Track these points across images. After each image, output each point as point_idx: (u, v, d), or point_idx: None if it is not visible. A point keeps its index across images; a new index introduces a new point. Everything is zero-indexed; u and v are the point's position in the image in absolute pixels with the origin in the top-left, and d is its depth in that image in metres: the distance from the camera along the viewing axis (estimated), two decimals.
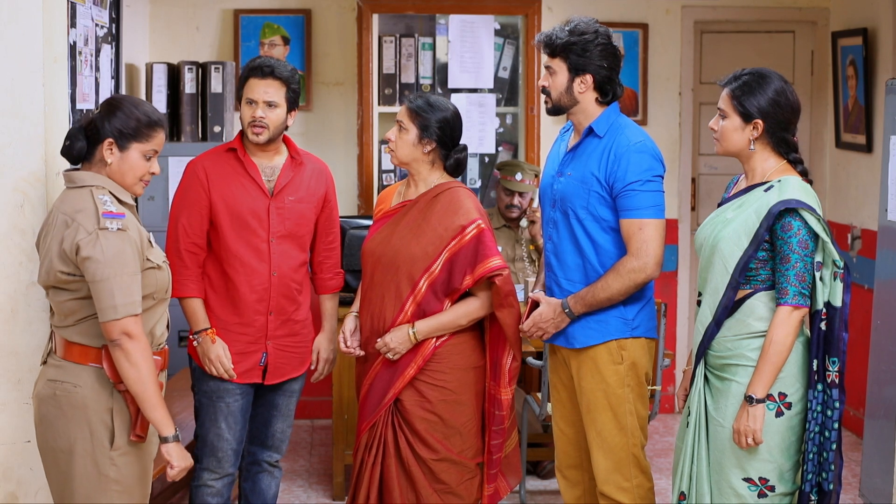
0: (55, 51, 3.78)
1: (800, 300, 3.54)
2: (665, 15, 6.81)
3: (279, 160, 4.18)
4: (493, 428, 4.09)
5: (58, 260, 3.29)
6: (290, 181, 4.16)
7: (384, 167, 6.46)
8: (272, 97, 4.06)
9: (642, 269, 3.89)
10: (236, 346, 4.11)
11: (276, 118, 4.08)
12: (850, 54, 6.48)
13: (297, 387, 4.28)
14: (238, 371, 4.11)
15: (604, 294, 3.92)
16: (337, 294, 4.41)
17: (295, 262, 4.18)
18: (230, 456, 4.16)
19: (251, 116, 4.07)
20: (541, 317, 4.02)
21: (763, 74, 3.66)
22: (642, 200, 3.89)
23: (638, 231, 3.88)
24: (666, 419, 6.78)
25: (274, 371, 4.18)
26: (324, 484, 5.77)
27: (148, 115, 3.42)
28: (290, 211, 4.15)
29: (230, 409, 4.13)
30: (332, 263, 4.36)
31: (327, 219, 4.29)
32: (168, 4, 6.54)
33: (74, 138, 3.38)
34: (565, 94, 3.99)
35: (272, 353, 4.16)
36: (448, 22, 6.45)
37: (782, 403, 3.59)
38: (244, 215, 4.08)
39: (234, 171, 4.12)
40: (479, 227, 3.98)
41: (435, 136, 4.03)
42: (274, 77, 4.07)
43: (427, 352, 4.01)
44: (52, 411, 3.35)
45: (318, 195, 4.24)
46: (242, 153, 4.14)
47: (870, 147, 6.35)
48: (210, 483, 4.17)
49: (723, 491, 3.66)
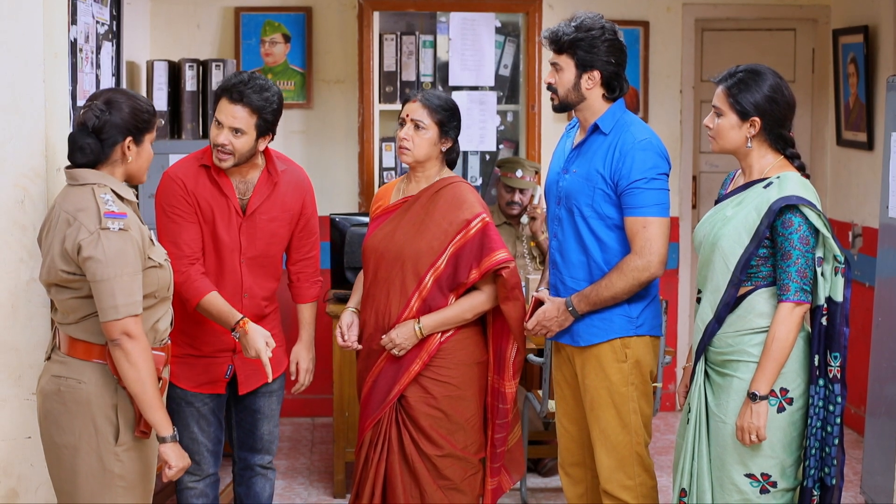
0: (56, 46, 3.78)
1: (801, 296, 3.53)
2: (666, 12, 6.81)
3: (254, 175, 4.01)
4: (497, 421, 4.10)
5: (59, 259, 3.29)
6: (265, 200, 4.01)
7: (385, 165, 6.46)
8: (239, 124, 3.85)
9: (646, 268, 3.87)
10: (199, 359, 4.03)
11: (241, 145, 3.87)
12: (851, 52, 6.48)
13: (274, 386, 4.18)
14: (202, 381, 4.04)
15: (608, 293, 3.91)
16: (315, 303, 4.28)
17: (265, 282, 4.07)
18: (207, 457, 4.13)
19: (215, 140, 3.89)
20: (545, 315, 4.01)
21: (758, 71, 3.65)
22: (647, 198, 3.87)
23: (642, 229, 3.87)
24: (667, 417, 6.78)
25: (245, 381, 4.10)
26: (325, 482, 5.76)
27: (149, 104, 3.45)
28: (262, 231, 4.02)
29: (201, 413, 4.08)
30: (309, 272, 4.23)
31: (303, 230, 4.15)
32: (169, 2, 6.53)
33: (86, 143, 3.33)
34: (572, 90, 3.96)
35: (240, 366, 4.07)
36: (449, 19, 6.45)
37: (784, 399, 3.59)
38: (219, 234, 3.97)
39: (206, 188, 3.96)
40: (483, 220, 3.98)
41: (453, 135, 4.03)
42: (244, 104, 3.85)
43: (432, 348, 4.00)
44: (56, 407, 3.35)
45: (294, 211, 4.09)
46: (217, 171, 3.96)
47: (871, 145, 6.35)
48: (191, 485, 4.15)
49: (724, 487, 3.65)
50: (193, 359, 4.04)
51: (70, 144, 3.37)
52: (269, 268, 4.09)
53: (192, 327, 4.02)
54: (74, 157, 3.36)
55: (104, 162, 3.38)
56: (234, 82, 3.89)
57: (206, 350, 4.05)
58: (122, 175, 3.41)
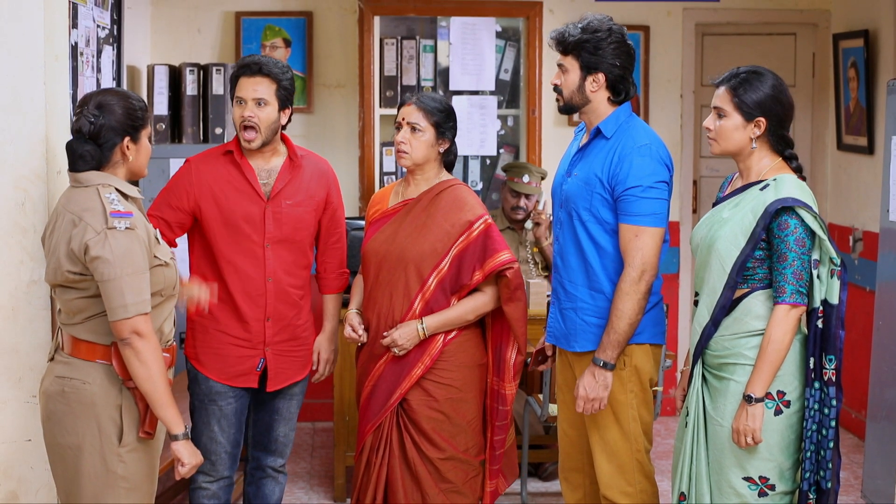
0: (56, 49, 3.79)
1: (797, 298, 3.53)
2: (666, 17, 6.81)
3: (277, 161, 4.09)
4: (497, 423, 4.09)
5: (65, 259, 3.29)
6: (288, 184, 4.07)
7: (385, 169, 6.46)
8: (261, 94, 3.97)
9: (641, 278, 3.82)
10: (232, 349, 4.06)
11: (266, 117, 3.98)
12: (852, 56, 6.48)
13: (297, 390, 4.23)
14: (233, 374, 4.07)
15: (623, 322, 3.82)
16: (341, 294, 4.35)
17: (293, 268, 4.11)
18: (224, 459, 4.13)
19: (241, 116, 3.99)
20: (587, 391, 3.89)
21: (759, 72, 3.65)
22: (641, 207, 3.82)
23: (634, 238, 3.83)
24: (668, 422, 6.77)
25: (274, 377, 4.13)
26: (325, 486, 5.76)
27: (140, 100, 3.45)
28: (287, 215, 4.07)
29: (223, 412, 4.09)
30: (336, 263, 4.29)
31: (330, 220, 4.22)
32: (169, 6, 6.54)
33: (85, 151, 3.33)
34: (577, 92, 3.93)
35: (271, 360, 4.10)
36: (449, 24, 6.45)
37: (781, 402, 3.58)
38: (237, 220, 4.01)
39: (230, 174, 4.05)
40: (485, 222, 3.99)
41: (450, 136, 4.03)
42: (263, 74, 3.97)
43: (434, 352, 4.00)
44: (60, 408, 3.35)
45: (319, 198, 4.15)
46: (239, 156, 4.06)
47: (871, 149, 6.35)
48: (205, 486, 4.14)
49: (723, 490, 3.65)
50: (225, 349, 4.05)
51: (69, 154, 3.36)
52: (297, 254, 4.12)
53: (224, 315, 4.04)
54: (76, 165, 3.35)
55: (106, 165, 3.38)
56: (247, 61, 4.02)
57: (238, 341, 4.06)
58: (125, 174, 3.42)
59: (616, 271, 3.90)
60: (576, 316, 3.97)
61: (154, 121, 5.73)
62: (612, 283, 3.90)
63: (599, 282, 3.92)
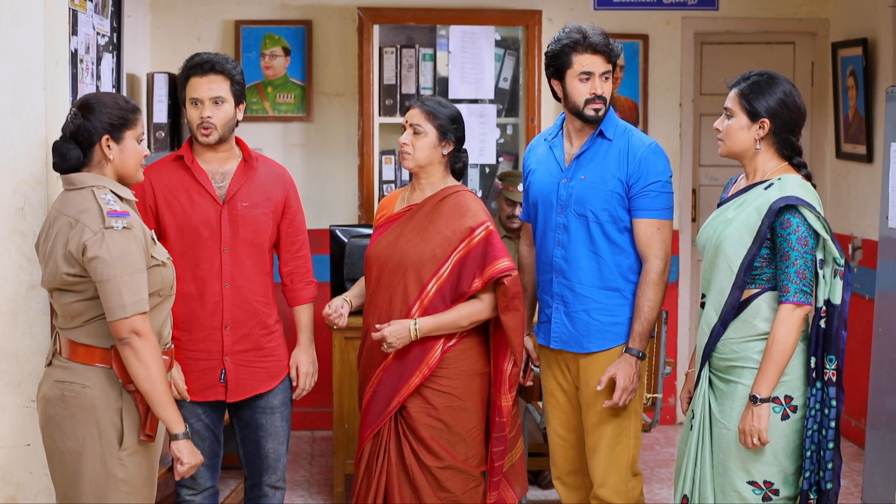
0: (56, 54, 3.79)
1: (801, 297, 3.53)
2: (665, 26, 6.83)
3: (231, 165, 4.02)
4: (495, 435, 4.07)
5: (63, 262, 3.29)
6: (243, 186, 4.00)
7: (385, 178, 6.47)
8: (217, 93, 3.92)
9: (666, 269, 4.02)
10: (193, 363, 3.98)
11: (223, 115, 3.93)
12: (851, 65, 6.49)
13: (276, 402, 4.11)
14: (197, 388, 3.98)
15: (654, 312, 4.03)
16: (311, 304, 4.23)
17: (253, 274, 4.02)
18: (203, 472, 4.07)
19: (199, 118, 3.93)
20: (627, 381, 3.99)
21: (772, 76, 3.68)
22: (661, 202, 4.02)
23: (656, 231, 4.01)
24: (667, 430, 6.76)
25: (235, 388, 4.04)
26: (324, 494, 5.75)
27: (127, 102, 3.45)
28: (244, 218, 3.99)
29: (194, 430, 4.00)
30: (301, 273, 4.19)
31: (290, 225, 4.13)
32: (169, 15, 6.55)
33: (65, 149, 3.35)
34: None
35: (231, 370, 4.01)
36: (449, 33, 6.47)
37: (788, 406, 3.58)
38: (195, 225, 3.94)
39: (182, 179, 3.98)
40: (487, 229, 3.98)
41: (453, 137, 4.04)
42: (216, 72, 3.92)
43: (433, 361, 3.98)
44: (59, 412, 3.34)
45: (276, 200, 4.07)
46: (191, 160, 3.99)
47: (870, 157, 6.36)
48: (188, 498, 4.11)
49: (727, 494, 3.64)
50: (185, 364, 3.97)
51: (53, 153, 3.38)
52: (256, 259, 4.04)
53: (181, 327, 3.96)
54: (57, 164, 3.37)
55: (88, 165, 3.38)
56: (197, 61, 3.97)
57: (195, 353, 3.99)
58: (113, 175, 3.41)
59: (629, 268, 4.05)
60: (588, 317, 4.06)
61: (153, 128, 5.73)
62: (624, 280, 4.05)
63: (614, 280, 4.04)
